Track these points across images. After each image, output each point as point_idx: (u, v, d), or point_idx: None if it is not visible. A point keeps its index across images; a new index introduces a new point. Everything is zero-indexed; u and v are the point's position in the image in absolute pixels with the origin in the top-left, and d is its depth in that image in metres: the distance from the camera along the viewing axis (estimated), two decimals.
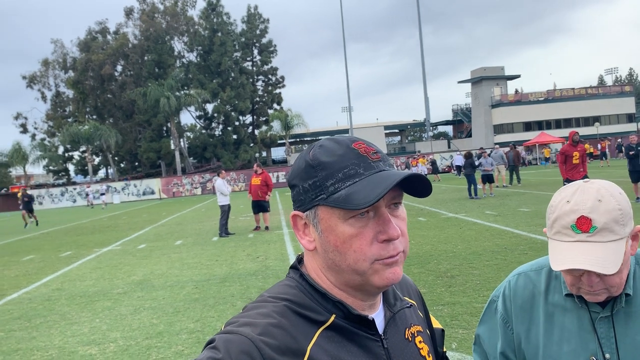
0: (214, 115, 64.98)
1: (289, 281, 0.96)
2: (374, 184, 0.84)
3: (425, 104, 61.65)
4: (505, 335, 1.49)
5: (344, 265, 0.88)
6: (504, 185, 23.28)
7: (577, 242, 1.25)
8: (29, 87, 66.18)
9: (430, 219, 13.94)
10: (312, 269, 0.96)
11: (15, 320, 6.83)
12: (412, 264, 8.17)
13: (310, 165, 0.91)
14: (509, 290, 1.51)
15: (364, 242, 0.86)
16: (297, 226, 0.95)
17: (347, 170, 0.88)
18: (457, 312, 5.49)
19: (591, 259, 1.22)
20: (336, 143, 0.92)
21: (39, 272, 10.71)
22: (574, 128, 61.61)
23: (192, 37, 64.86)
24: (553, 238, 1.31)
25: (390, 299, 1.02)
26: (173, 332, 5.68)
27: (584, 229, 1.25)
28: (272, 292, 0.94)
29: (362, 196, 0.83)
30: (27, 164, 58.86)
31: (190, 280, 8.43)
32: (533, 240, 9.31)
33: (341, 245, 0.87)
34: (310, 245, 0.93)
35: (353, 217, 0.86)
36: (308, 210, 0.91)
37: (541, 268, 1.48)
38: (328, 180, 0.88)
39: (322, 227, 0.89)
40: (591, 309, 1.36)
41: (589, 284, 1.28)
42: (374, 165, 0.89)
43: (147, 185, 50.98)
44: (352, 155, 0.89)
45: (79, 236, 17.81)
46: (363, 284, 0.90)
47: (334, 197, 0.86)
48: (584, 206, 1.25)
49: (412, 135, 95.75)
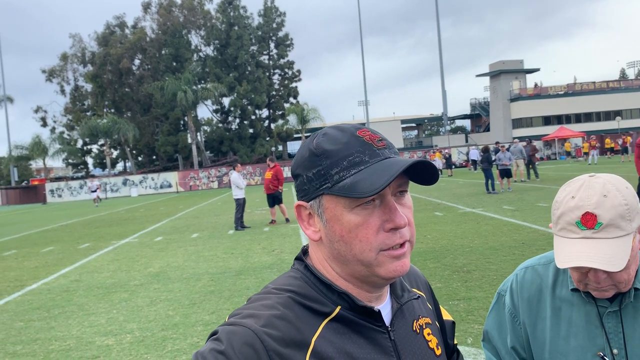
0: (230, 109, 65.19)
1: (294, 272, 0.95)
2: (380, 172, 0.82)
3: (443, 97, 61.24)
4: (514, 329, 1.47)
5: (349, 255, 0.86)
6: (522, 180, 23.04)
7: (582, 239, 1.23)
8: (48, 80, 67.06)
9: (447, 213, 13.84)
10: (317, 260, 0.94)
11: (35, 311, 6.93)
12: (428, 258, 8.12)
13: (314, 154, 0.89)
14: (516, 284, 1.49)
15: (370, 231, 0.84)
16: (301, 216, 0.93)
17: (352, 158, 0.86)
18: (473, 307, 5.45)
19: (597, 256, 1.19)
20: (340, 131, 0.90)
21: (57, 263, 10.86)
22: (595, 122, 60.83)
23: (209, 31, 65.04)
24: (558, 234, 1.28)
25: (398, 290, 1.00)
26: (189, 324, 5.71)
27: (589, 225, 1.22)
28: (276, 284, 0.93)
29: (368, 184, 0.81)
30: (46, 157, 59.71)
31: (206, 273, 8.47)
32: (551, 235, 9.15)
33: (347, 234, 0.85)
34: (315, 236, 0.91)
35: (359, 205, 0.85)
36: (312, 200, 0.90)
37: (549, 262, 1.46)
38: (332, 168, 0.86)
39: (327, 217, 0.88)
40: (599, 303, 1.33)
41: (596, 280, 1.25)
42: (379, 152, 0.87)
43: (164, 178, 51.43)
44: (356, 143, 0.87)
45: (97, 228, 18.03)
46: (369, 274, 0.88)
47: (339, 186, 0.84)
48: (589, 202, 1.22)
49: (429, 130, 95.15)
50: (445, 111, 63.59)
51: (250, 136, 64.48)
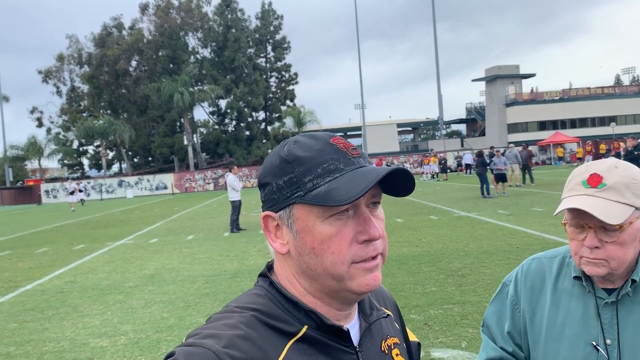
0: (227, 111, 65.22)
1: (258, 290, 0.89)
2: (357, 180, 0.79)
3: (439, 101, 61.43)
4: (513, 317, 1.51)
5: (320, 269, 0.82)
6: (517, 185, 23.10)
7: (584, 195, 1.29)
8: (44, 81, 66.94)
9: (442, 217, 13.87)
10: (283, 275, 0.89)
11: (29, 312, 6.91)
12: (423, 262, 8.14)
13: (286, 161, 0.84)
14: (521, 273, 1.53)
15: (343, 242, 0.80)
16: (268, 228, 0.88)
17: (327, 165, 0.82)
18: (467, 311, 5.46)
19: (592, 206, 1.25)
20: (313, 138, 0.87)
21: (52, 264, 10.82)
22: (590, 128, 61.08)
23: (207, 33, 65.10)
24: (564, 196, 1.34)
25: (367, 308, 0.95)
26: (183, 326, 5.71)
27: (593, 184, 1.28)
28: (239, 302, 0.87)
29: (343, 192, 0.77)
30: (42, 158, 59.54)
31: (201, 275, 8.47)
32: (546, 240, 9.23)
33: (318, 246, 0.81)
34: (283, 249, 0.86)
35: (332, 215, 0.81)
36: (282, 210, 0.85)
37: (556, 255, 1.51)
38: (306, 175, 0.82)
39: (297, 228, 0.83)
40: (597, 294, 1.37)
41: (590, 245, 1.28)
42: (354, 160, 0.84)
43: (160, 180, 51.33)
44: (331, 150, 0.84)
45: (92, 230, 17.99)
46: (340, 290, 0.83)
47: (312, 194, 0.80)
48: (599, 167, 1.31)
49: (425, 134, 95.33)
50: (441, 115, 63.81)
51: (247, 138, 64.49)
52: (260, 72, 66.44)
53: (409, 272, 7.49)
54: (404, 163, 52.42)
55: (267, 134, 67.06)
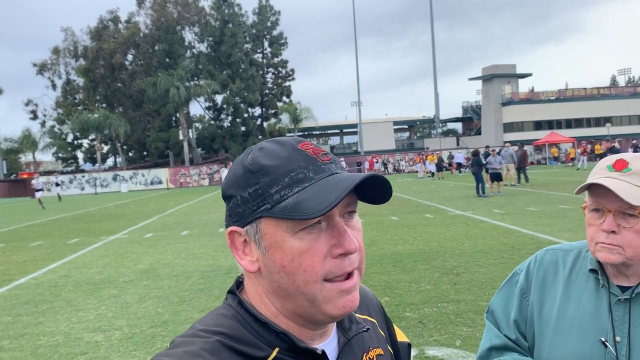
0: (223, 106, 65.07)
1: (225, 310, 0.82)
2: (328, 189, 0.72)
3: (435, 100, 61.43)
4: (520, 305, 1.50)
5: (291, 288, 0.75)
6: (512, 184, 23.18)
7: (607, 178, 1.30)
8: (39, 74, 66.55)
9: (437, 216, 13.91)
10: (254, 293, 0.82)
11: (23, 305, 6.89)
12: (418, 260, 8.16)
13: (250, 171, 0.77)
14: (534, 263, 1.53)
15: (316, 258, 0.74)
16: (235, 245, 0.81)
17: (295, 174, 0.75)
18: (462, 310, 5.48)
19: (615, 186, 1.26)
20: (279, 144, 0.80)
21: (46, 258, 10.79)
22: (585, 128, 61.33)
23: (203, 28, 64.87)
24: (588, 181, 1.34)
25: (345, 322, 0.89)
26: (178, 322, 5.71)
27: (618, 167, 1.30)
28: (204, 324, 0.80)
29: (314, 203, 0.71)
30: (36, 151, 59.27)
31: (196, 271, 8.46)
32: (540, 239, 9.27)
33: (289, 264, 0.74)
34: (252, 267, 0.79)
35: (303, 229, 0.74)
36: (248, 225, 0.78)
37: (572, 249, 1.50)
38: (272, 186, 0.75)
39: (265, 244, 0.76)
40: (611, 290, 1.36)
41: (608, 229, 1.29)
42: (324, 167, 0.77)
43: (154, 174, 51.19)
44: (299, 157, 0.77)
45: (87, 223, 17.93)
46: (314, 312, 0.76)
47: (280, 207, 0.73)
48: (627, 155, 1.32)
49: (421, 132, 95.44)
50: (438, 114, 63.80)
51: (242, 134, 64.37)
52: (256, 67, 66.30)
53: (403, 270, 7.51)
54: (399, 161, 52.48)
55: (263, 130, 67.01)
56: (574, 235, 9.45)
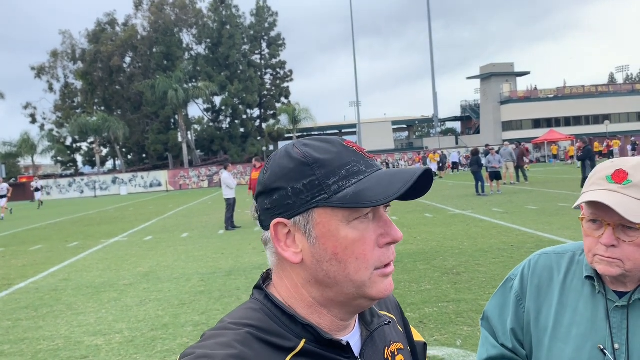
0: (221, 108, 65.07)
1: (253, 304, 0.86)
2: (387, 180, 0.78)
3: (434, 99, 61.45)
4: (516, 312, 1.47)
5: (341, 276, 0.79)
6: (511, 183, 23.18)
7: (606, 191, 1.24)
8: (37, 77, 66.49)
9: (437, 215, 13.90)
10: (288, 286, 0.85)
11: (23, 310, 6.88)
12: (418, 260, 8.16)
13: (304, 163, 0.80)
14: (528, 268, 1.49)
15: (367, 247, 0.79)
16: (277, 236, 0.83)
17: (350, 167, 0.80)
18: (462, 309, 5.48)
19: (614, 202, 1.20)
20: (325, 142, 0.84)
21: (46, 262, 10.78)
22: (584, 126, 61.35)
23: (201, 30, 64.86)
24: (585, 190, 1.30)
25: (367, 316, 0.93)
26: (178, 324, 5.70)
27: (617, 179, 1.24)
28: (233, 317, 0.83)
29: (376, 192, 0.76)
30: (35, 154, 59.22)
31: (196, 273, 8.45)
32: (540, 238, 9.27)
33: (342, 252, 0.78)
34: (296, 258, 0.81)
35: (357, 219, 0.78)
36: (298, 216, 0.80)
37: (565, 252, 1.46)
38: (330, 178, 0.78)
39: (317, 233, 0.79)
40: (608, 296, 1.33)
41: (607, 243, 1.24)
42: (372, 163, 0.83)
43: (154, 177, 51.18)
44: (349, 152, 0.82)
45: (87, 227, 17.92)
46: (357, 296, 0.81)
47: (338, 197, 0.77)
48: (626, 163, 1.26)
49: (420, 131, 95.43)
50: (436, 113, 63.80)
51: (241, 135, 64.37)
52: (255, 69, 66.31)
53: (404, 270, 7.50)
54: (399, 161, 52.50)
55: (262, 131, 66.97)
56: (574, 233, 9.45)
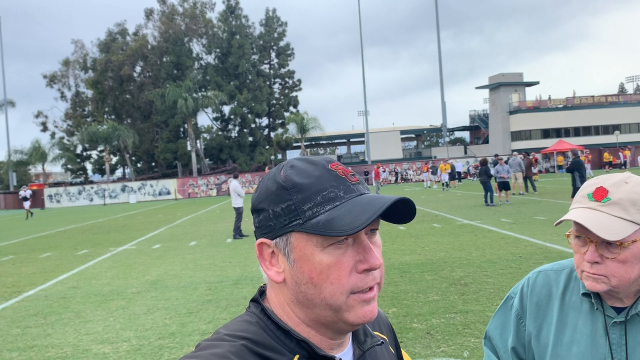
0: (230, 117, 65.37)
1: (249, 316, 0.87)
2: (359, 209, 0.77)
3: (442, 109, 61.43)
4: (517, 331, 1.48)
5: (317, 299, 0.79)
6: (520, 193, 23.07)
7: (586, 208, 1.27)
8: (49, 86, 67.21)
9: (445, 225, 13.86)
10: (277, 303, 0.86)
11: (32, 317, 6.92)
12: (425, 270, 8.13)
13: (283, 187, 0.81)
14: (527, 286, 1.50)
15: (343, 272, 0.78)
16: (263, 255, 0.85)
17: (326, 193, 0.79)
18: (469, 321, 5.46)
19: (592, 220, 1.23)
20: (311, 164, 0.84)
21: (55, 269, 10.85)
22: (594, 136, 61.00)
23: (211, 40, 65.34)
24: (570, 208, 1.32)
25: (360, 335, 0.93)
26: (185, 333, 5.71)
27: (597, 197, 1.26)
28: (229, 329, 0.84)
29: (346, 222, 0.75)
30: (46, 162, 59.70)
31: (203, 282, 8.48)
32: (548, 249, 9.21)
33: (317, 276, 0.78)
34: (278, 277, 0.83)
35: (332, 244, 0.78)
36: (278, 238, 0.82)
37: (562, 269, 1.47)
38: (305, 203, 0.79)
39: (294, 257, 0.80)
40: (606, 312, 1.33)
41: (590, 260, 1.26)
42: (353, 188, 0.82)
43: (163, 185, 51.37)
44: (330, 177, 0.81)
45: (95, 235, 18.02)
46: (336, 320, 0.81)
47: (312, 223, 0.78)
48: (608, 181, 1.28)
49: (429, 141, 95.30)
50: (445, 122, 63.73)
51: (250, 144, 64.59)
52: (263, 78, 66.61)
53: (411, 281, 7.48)
54: (407, 170, 52.40)
55: (270, 140, 67.17)
56: None
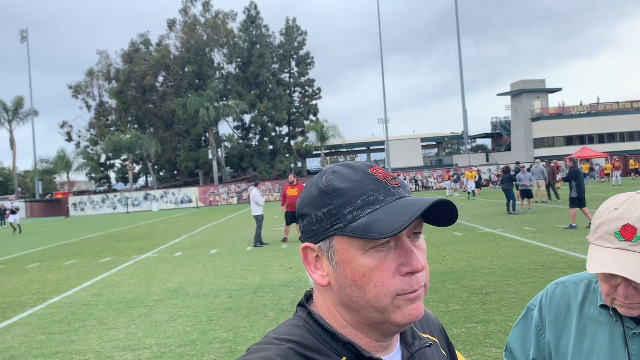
0: (251, 125, 65.92)
1: (296, 321, 0.88)
2: (398, 211, 0.78)
3: (464, 116, 61.06)
4: (538, 343, 1.48)
5: (362, 301, 0.80)
6: (543, 201, 22.74)
7: (617, 250, 1.23)
8: (74, 97, 68.61)
9: (467, 234, 13.73)
10: (323, 306, 0.87)
11: (56, 324, 7.04)
12: (447, 279, 8.06)
13: (325, 192, 0.83)
14: (546, 298, 1.50)
15: (386, 275, 0.79)
16: (307, 260, 0.87)
17: (367, 197, 0.81)
18: (491, 331, 5.39)
19: (629, 267, 1.19)
20: (351, 169, 0.86)
21: (79, 277, 11.02)
22: (619, 143, 59.93)
23: (232, 50, 66.07)
24: (595, 244, 1.28)
25: (409, 338, 0.93)
26: (206, 341, 5.75)
27: (627, 237, 1.22)
28: (277, 333, 0.86)
29: (385, 224, 0.76)
30: (70, 171, 60.81)
31: (224, 290, 8.53)
32: (572, 258, 9.06)
33: (360, 279, 0.79)
34: (323, 281, 0.85)
35: (373, 247, 0.79)
36: (322, 242, 0.83)
37: (581, 280, 1.47)
38: (346, 207, 0.80)
39: (338, 260, 0.81)
40: (625, 324, 1.33)
41: (625, 295, 1.24)
42: (394, 191, 0.83)
43: (185, 193, 51.93)
44: (370, 181, 0.83)
45: (119, 243, 18.26)
46: (382, 322, 0.81)
47: (352, 226, 0.79)
48: (632, 215, 1.22)
49: (450, 148, 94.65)
50: (466, 130, 63.33)
51: (270, 153, 64.94)
52: (284, 87, 67.04)
53: (432, 290, 7.42)
54: (428, 178, 52.10)
55: (291, 149, 67.44)
56: None
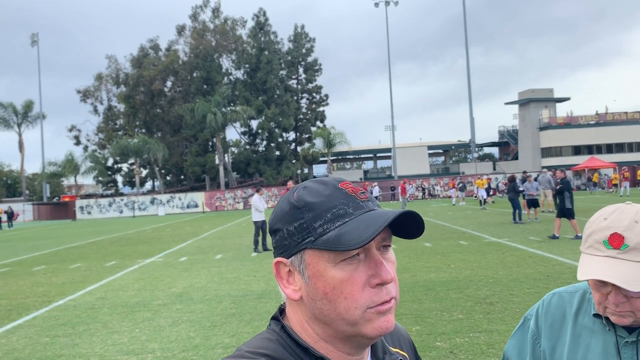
0: (258, 131, 66.08)
1: (269, 334, 0.88)
2: (366, 223, 0.80)
3: (471, 124, 60.96)
4: (534, 352, 1.50)
5: (333, 314, 0.81)
6: (549, 211, 22.65)
7: (606, 257, 1.26)
8: (82, 101, 69.11)
9: (472, 242, 13.69)
10: (295, 321, 0.89)
11: (60, 327, 7.07)
12: (450, 288, 8.04)
13: (296, 207, 0.85)
14: (542, 308, 1.53)
15: (356, 287, 0.80)
16: (280, 274, 0.88)
17: (336, 210, 0.83)
18: (494, 341, 5.37)
19: (617, 274, 1.23)
20: (322, 184, 0.87)
21: (84, 280, 11.06)
22: (627, 153, 59.62)
23: (240, 55, 66.40)
24: (585, 252, 1.32)
25: (379, 352, 0.94)
26: (209, 346, 5.76)
27: (615, 245, 1.26)
28: (250, 346, 0.86)
29: (354, 236, 0.78)
30: (78, 175, 61.17)
31: (228, 295, 8.54)
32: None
33: (331, 292, 0.81)
34: (295, 295, 0.86)
35: (344, 260, 0.81)
36: (293, 256, 0.85)
37: (576, 290, 1.50)
38: (316, 221, 0.82)
39: (309, 273, 0.83)
40: (618, 333, 1.35)
41: (615, 302, 1.27)
42: (363, 204, 0.85)
43: (191, 198, 52.08)
44: (340, 195, 0.85)
45: (124, 246, 18.33)
46: (354, 334, 0.82)
47: (322, 239, 0.81)
48: (620, 224, 1.26)
49: (457, 156, 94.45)
50: (473, 138, 63.22)
51: (277, 158, 65.07)
52: (291, 93, 67.26)
53: (435, 299, 7.41)
54: (434, 186, 51.99)
55: (297, 155, 67.58)
56: None
